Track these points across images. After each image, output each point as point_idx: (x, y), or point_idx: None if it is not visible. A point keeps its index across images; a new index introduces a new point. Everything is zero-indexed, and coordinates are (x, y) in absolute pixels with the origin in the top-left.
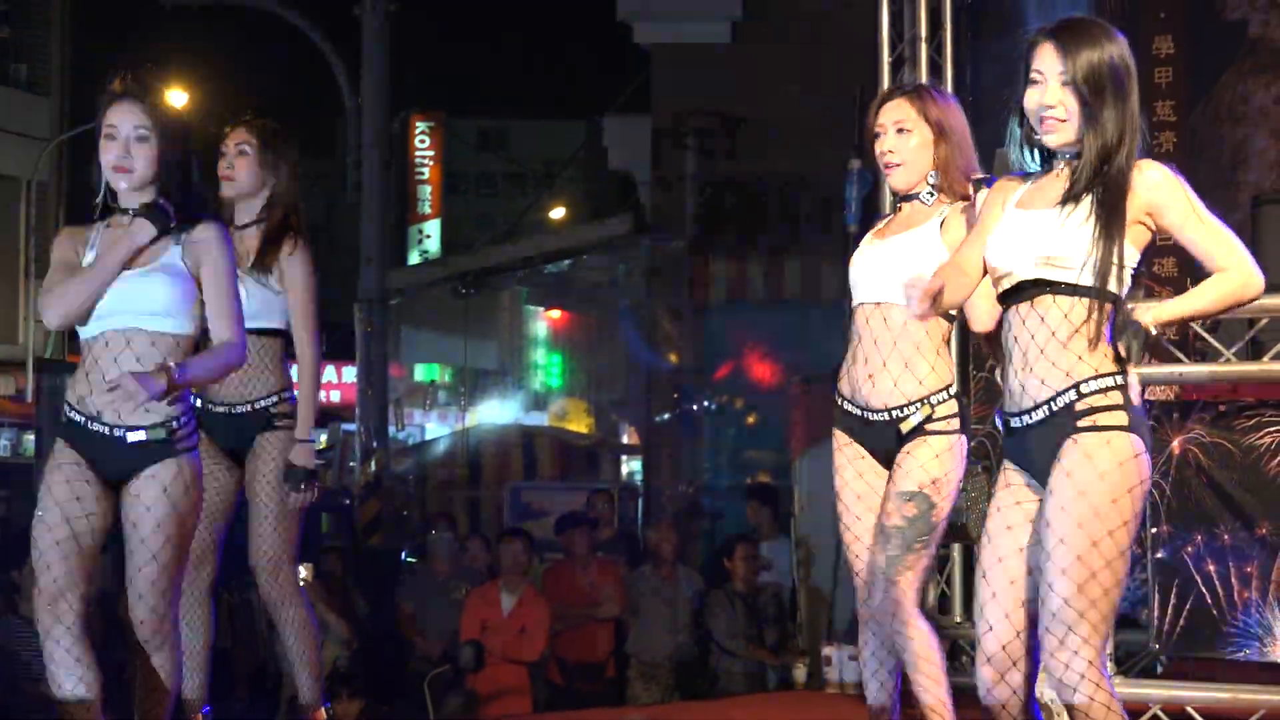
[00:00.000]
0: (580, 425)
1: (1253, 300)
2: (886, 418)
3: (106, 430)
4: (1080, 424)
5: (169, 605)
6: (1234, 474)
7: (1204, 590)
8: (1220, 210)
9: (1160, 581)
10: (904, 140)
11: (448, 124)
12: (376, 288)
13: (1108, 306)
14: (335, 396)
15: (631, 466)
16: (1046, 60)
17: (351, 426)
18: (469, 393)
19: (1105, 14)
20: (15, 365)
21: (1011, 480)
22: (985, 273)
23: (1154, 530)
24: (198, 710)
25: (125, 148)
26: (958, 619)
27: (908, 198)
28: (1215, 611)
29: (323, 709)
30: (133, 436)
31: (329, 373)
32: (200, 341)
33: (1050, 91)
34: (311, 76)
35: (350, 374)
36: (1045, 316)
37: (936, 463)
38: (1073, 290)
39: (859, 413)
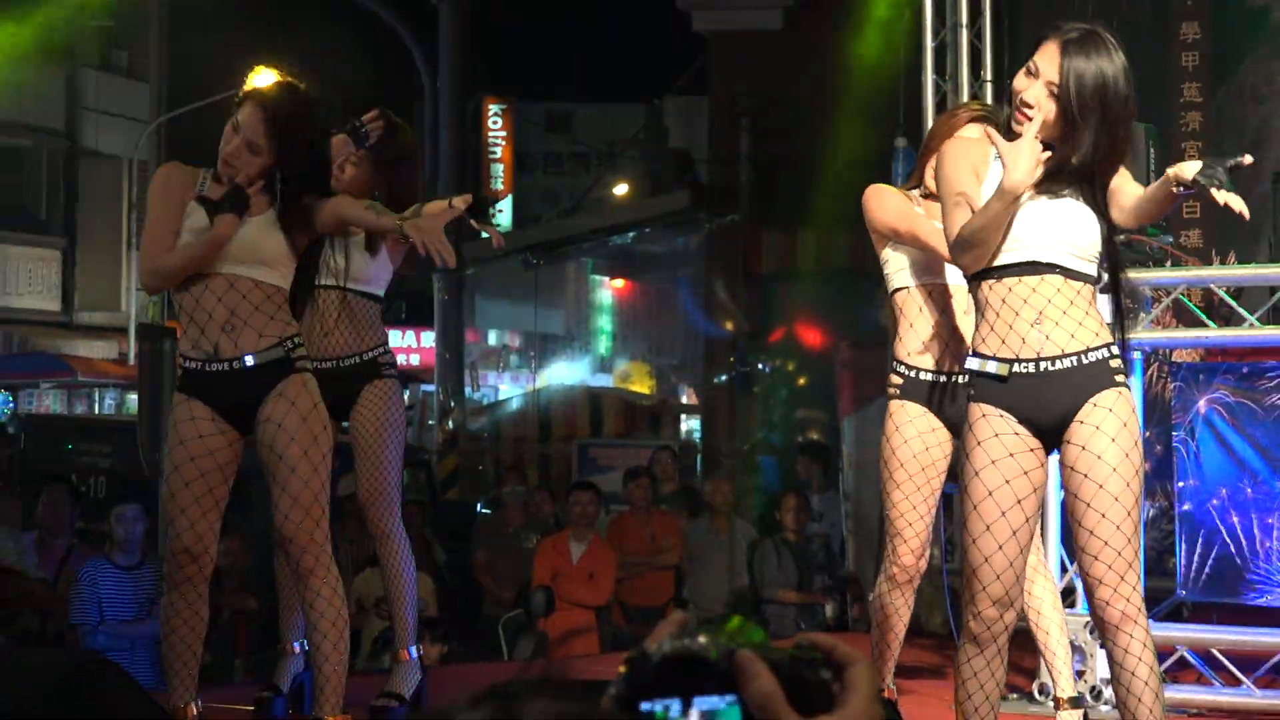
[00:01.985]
0: (643, 386)
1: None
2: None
3: (225, 366)
4: (1118, 379)
5: (318, 525)
6: (1256, 431)
7: (1228, 540)
8: (1242, 187)
9: (1187, 532)
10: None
11: (518, 107)
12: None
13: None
14: (415, 360)
15: (690, 425)
16: (1046, 60)
17: (430, 388)
18: (539, 356)
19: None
20: (119, 331)
21: (998, 429)
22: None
23: (1181, 484)
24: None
25: (239, 152)
26: None
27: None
28: (1239, 560)
29: (408, 650)
30: (250, 360)
31: (409, 337)
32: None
33: (1034, 90)
34: (391, 62)
35: (429, 339)
36: (1060, 289)
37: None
38: (1081, 278)
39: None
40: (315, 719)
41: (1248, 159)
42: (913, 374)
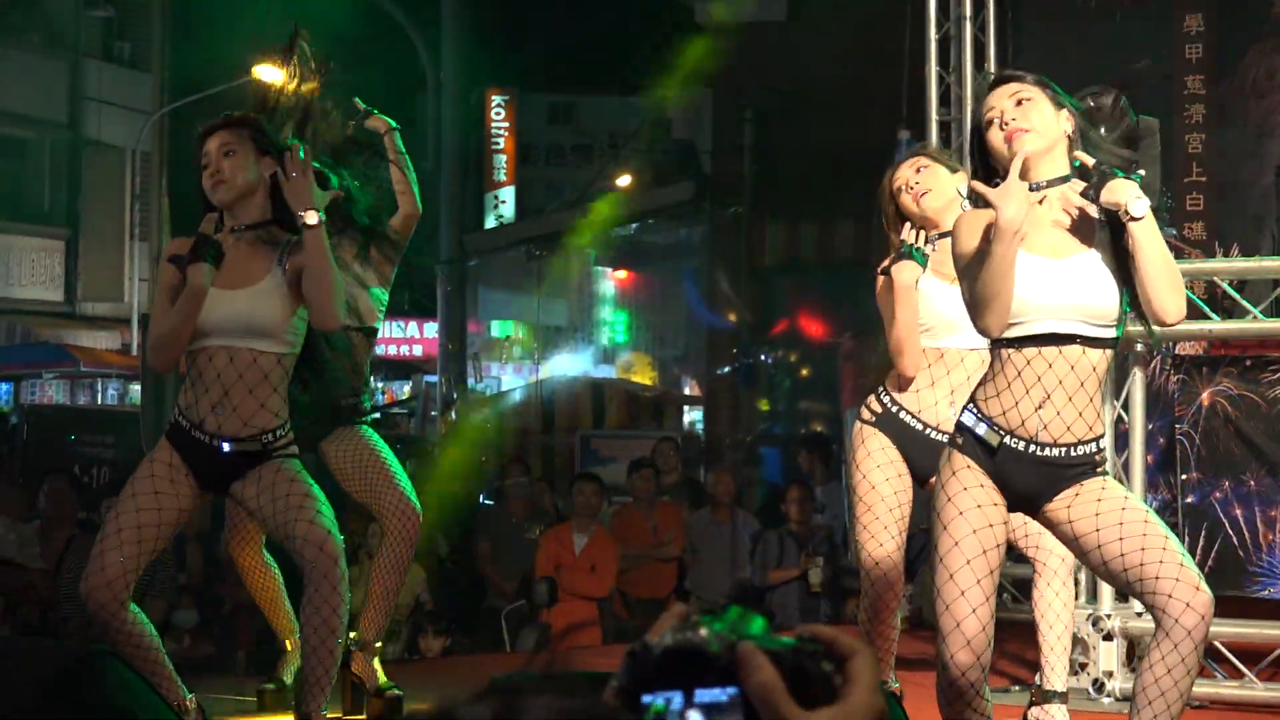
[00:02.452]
0: (645, 377)
1: (1162, 319)
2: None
3: (206, 439)
4: (1099, 470)
5: (329, 534)
6: (1260, 424)
7: (1231, 533)
8: (1247, 178)
9: (1190, 524)
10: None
11: (521, 98)
12: (455, 250)
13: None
14: (418, 350)
15: (693, 416)
16: (1033, 94)
17: (433, 378)
18: (541, 347)
19: None
20: (121, 321)
21: (970, 481)
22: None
23: (1184, 477)
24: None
25: (216, 165)
26: None
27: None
28: (1241, 553)
29: (375, 644)
30: (228, 447)
31: (412, 328)
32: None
33: (1024, 112)
34: (394, 52)
35: (432, 330)
36: (1075, 365)
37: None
38: (1100, 344)
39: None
40: (304, 716)
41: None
42: (893, 409)
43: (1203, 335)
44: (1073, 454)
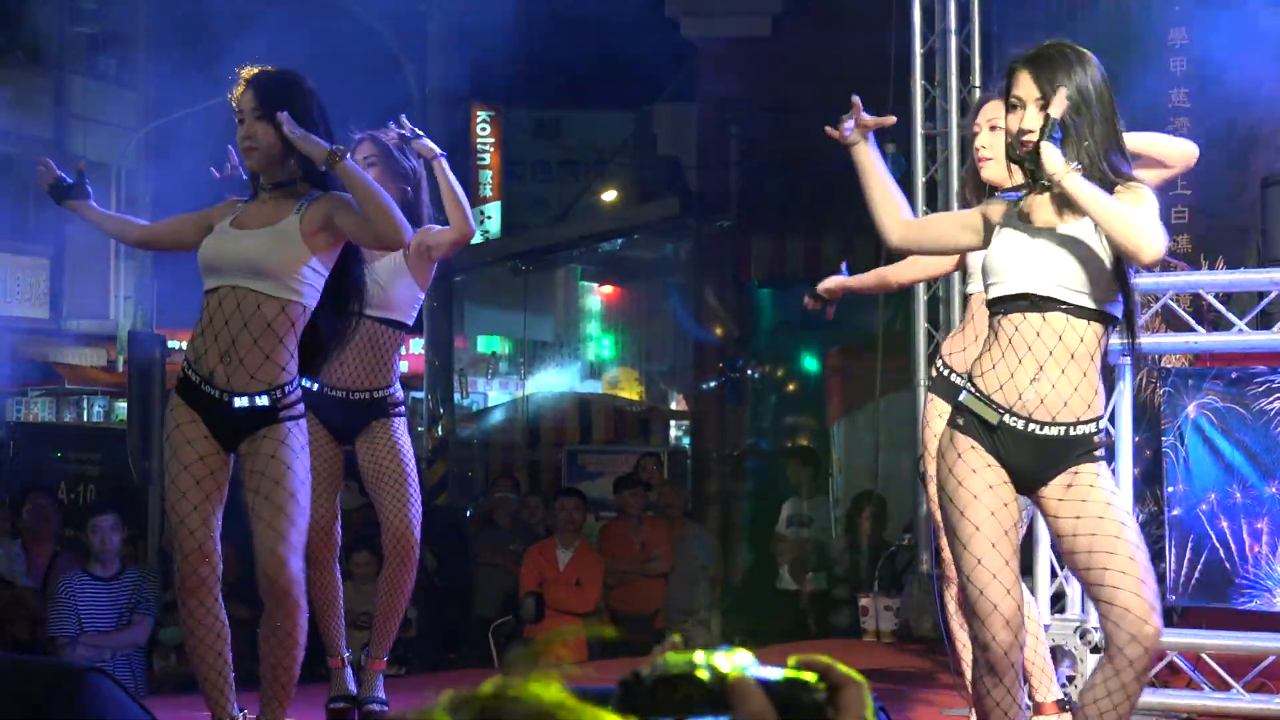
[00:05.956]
0: (632, 393)
1: (1137, 257)
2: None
3: (216, 394)
4: (1096, 454)
5: (297, 560)
6: (1246, 436)
7: (1217, 545)
8: (1231, 191)
9: (1176, 537)
10: (996, 137)
11: (506, 114)
12: (441, 266)
13: (1106, 329)
14: (404, 366)
15: (680, 431)
16: (1024, 86)
17: (420, 394)
18: (528, 363)
19: (1122, 7)
20: (107, 338)
21: (976, 463)
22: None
23: (1170, 489)
24: (339, 654)
25: (249, 128)
26: None
27: (995, 191)
28: (1228, 565)
29: (383, 660)
30: (239, 402)
31: None
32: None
33: (1028, 116)
34: (379, 69)
35: (418, 346)
36: (1063, 335)
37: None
38: (1083, 313)
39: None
40: None
41: None
42: (946, 372)
43: (1188, 348)
44: (1071, 434)
